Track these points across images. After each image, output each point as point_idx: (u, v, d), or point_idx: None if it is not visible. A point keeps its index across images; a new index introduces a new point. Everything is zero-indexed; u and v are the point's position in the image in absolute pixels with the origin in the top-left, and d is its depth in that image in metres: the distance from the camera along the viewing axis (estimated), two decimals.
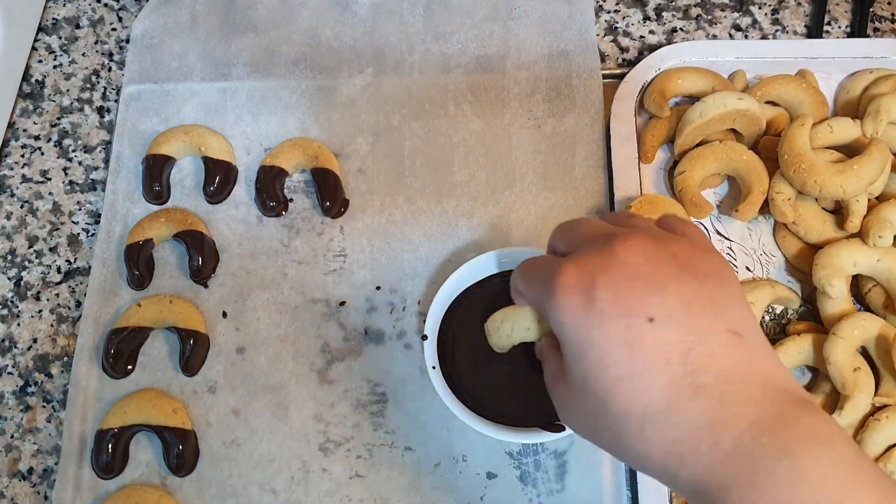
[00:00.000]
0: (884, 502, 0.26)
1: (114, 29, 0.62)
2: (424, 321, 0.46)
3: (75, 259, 0.55)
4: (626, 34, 0.61)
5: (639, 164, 0.53)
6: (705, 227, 0.53)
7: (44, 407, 0.51)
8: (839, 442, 0.28)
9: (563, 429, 0.43)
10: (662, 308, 0.30)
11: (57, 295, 0.54)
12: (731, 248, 0.53)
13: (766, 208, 0.51)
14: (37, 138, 0.58)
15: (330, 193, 0.53)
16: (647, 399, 0.30)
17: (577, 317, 0.31)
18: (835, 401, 0.47)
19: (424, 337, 0.46)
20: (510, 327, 0.38)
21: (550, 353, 0.36)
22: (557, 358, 0.34)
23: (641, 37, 0.61)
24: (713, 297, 0.31)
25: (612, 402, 0.30)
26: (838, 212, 0.51)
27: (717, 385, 0.29)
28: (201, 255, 0.52)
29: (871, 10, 0.61)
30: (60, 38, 0.62)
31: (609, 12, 0.62)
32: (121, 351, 0.50)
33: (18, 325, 0.53)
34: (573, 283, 0.31)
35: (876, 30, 0.61)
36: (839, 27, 0.61)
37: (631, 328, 0.30)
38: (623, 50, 0.60)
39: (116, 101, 0.59)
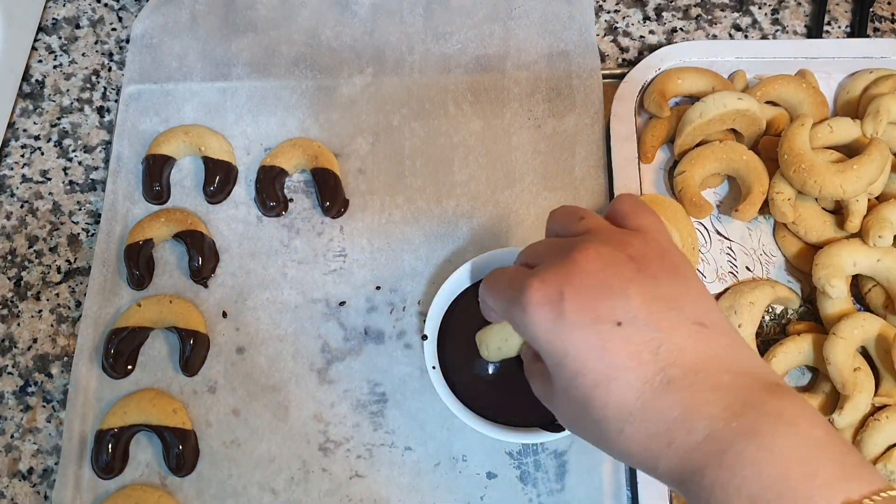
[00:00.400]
0: (848, 477, 0.27)
1: (114, 29, 0.62)
2: (424, 321, 0.46)
3: (75, 259, 0.55)
4: (626, 34, 0.61)
5: (639, 164, 0.53)
6: (705, 227, 0.53)
7: (44, 407, 0.51)
8: (806, 421, 0.29)
9: (563, 429, 0.43)
10: (628, 311, 0.31)
11: (57, 295, 0.54)
12: (731, 248, 0.53)
13: (766, 208, 0.51)
14: (37, 138, 0.58)
15: (330, 193, 0.53)
16: (623, 400, 0.31)
17: (549, 330, 0.32)
18: (835, 401, 0.47)
19: (424, 337, 0.46)
20: (486, 350, 0.40)
21: (534, 361, 0.37)
22: (540, 365, 0.35)
23: (641, 37, 0.61)
24: (673, 294, 0.32)
25: (592, 407, 0.31)
26: (838, 212, 0.51)
27: (686, 377, 0.30)
28: (201, 255, 0.52)
29: (871, 10, 0.61)
30: (60, 38, 0.62)
31: (609, 12, 0.62)
32: (121, 351, 0.50)
33: (18, 325, 0.53)
34: (541, 299, 0.32)
35: (876, 30, 0.61)
36: (839, 27, 0.61)
37: (601, 334, 0.31)
38: (623, 50, 0.60)
39: (116, 101, 0.59)
